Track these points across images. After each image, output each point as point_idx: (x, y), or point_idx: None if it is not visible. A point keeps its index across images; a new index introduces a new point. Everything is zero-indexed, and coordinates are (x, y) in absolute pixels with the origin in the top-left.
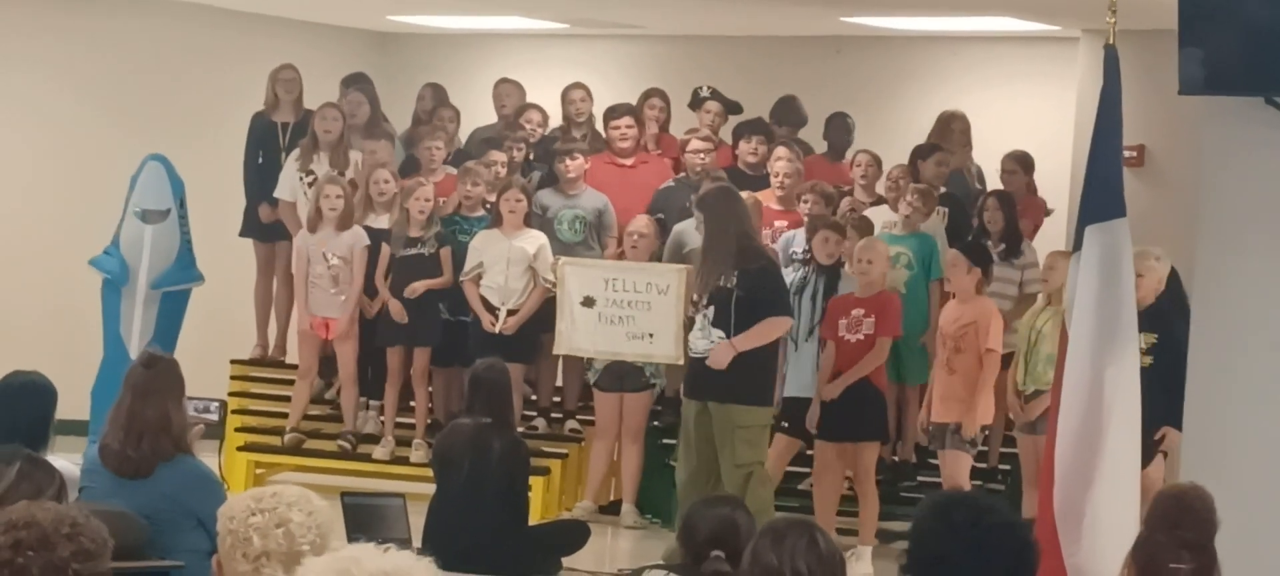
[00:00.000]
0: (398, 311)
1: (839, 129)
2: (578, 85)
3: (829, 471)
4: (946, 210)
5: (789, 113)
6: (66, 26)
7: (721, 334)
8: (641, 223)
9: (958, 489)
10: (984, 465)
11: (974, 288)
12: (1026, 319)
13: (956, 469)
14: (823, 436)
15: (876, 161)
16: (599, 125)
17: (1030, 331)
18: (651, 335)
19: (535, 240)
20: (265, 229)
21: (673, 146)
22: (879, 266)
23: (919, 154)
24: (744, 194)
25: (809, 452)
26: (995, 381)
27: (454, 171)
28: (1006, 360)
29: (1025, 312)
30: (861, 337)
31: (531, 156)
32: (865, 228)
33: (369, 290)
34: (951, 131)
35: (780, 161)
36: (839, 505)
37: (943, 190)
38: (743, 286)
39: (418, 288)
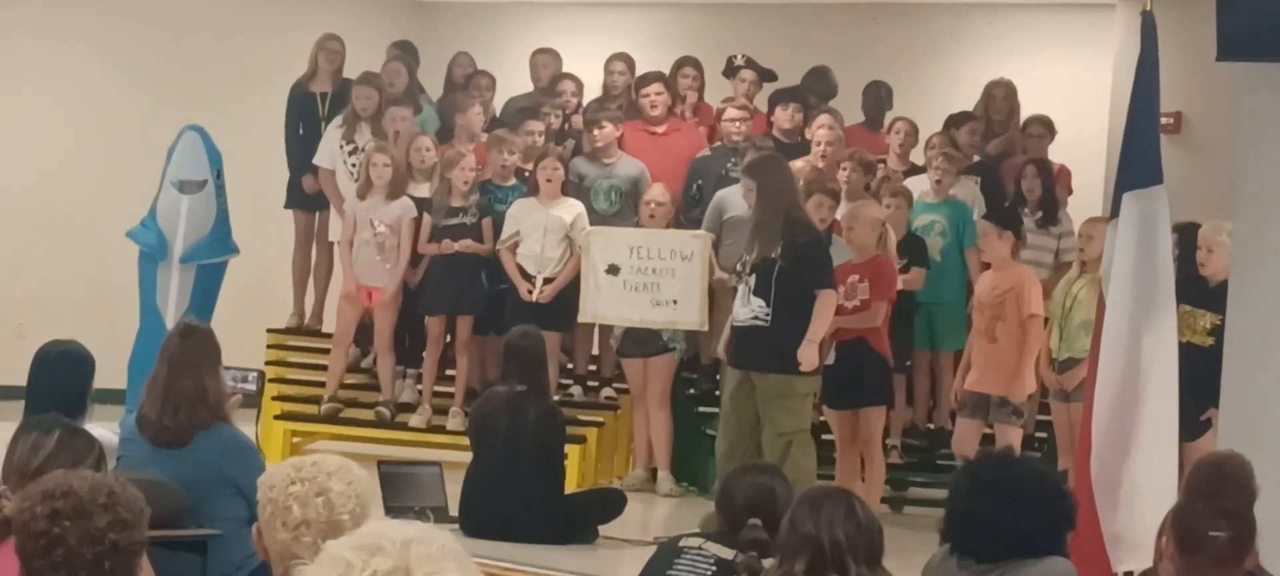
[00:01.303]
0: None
1: (876, 98)
2: (620, 56)
3: (846, 440)
4: (979, 179)
5: (819, 83)
6: (105, 6)
7: (762, 303)
8: (658, 191)
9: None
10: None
11: (1009, 253)
12: (1061, 286)
13: (1012, 443)
14: (829, 404)
15: (914, 129)
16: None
17: (1065, 298)
18: (676, 301)
19: (572, 209)
20: (308, 199)
21: (708, 114)
22: (861, 232)
23: (953, 122)
24: (799, 163)
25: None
26: (1036, 350)
27: (483, 138)
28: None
29: (1061, 281)
30: (857, 303)
31: (568, 126)
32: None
33: (413, 260)
34: (993, 98)
35: (822, 130)
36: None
37: (976, 159)
38: (787, 258)
39: (467, 245)
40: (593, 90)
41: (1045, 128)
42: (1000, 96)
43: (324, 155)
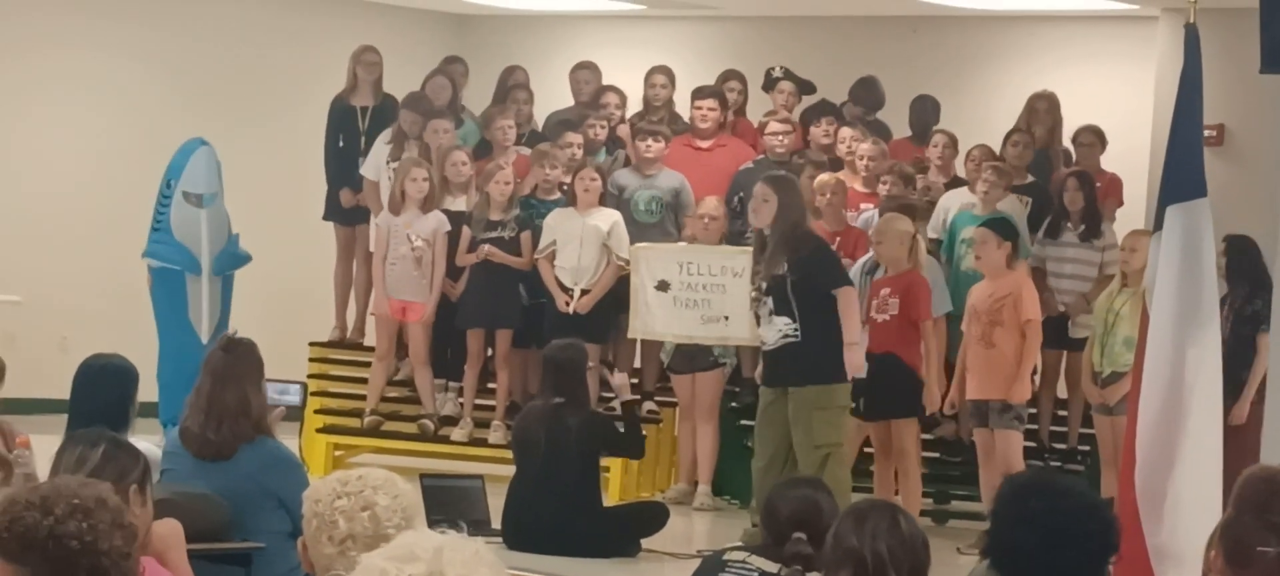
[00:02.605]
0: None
1: (923, 111)
2: (661, 70)
3: (882, 452)
4: (1030, 199)
5: (867, 94)
6: (149, 7)
7: (788, 321)
8: (711, 205)
9: (1030, 471)
10: (1063, 446)
11: (1004, 262)
12: (1102, 300)
13: (1009, 448)
14: (862, 415)
15: (953, 142)
16: (678, 108)
17: (1107, 313)
18: (727, 317)
19: (609, 218)
20: (346, 213)
21: (749, 131)
22: (890, 245)
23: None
24: (825, 176)
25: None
26: (1035, 354)
27: (526, 151)
28: (1082, 343)
29: (1102, 294)
30: (888, 318)
31: (616, 135)
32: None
33: (453, 273)
34: (1036, 110)
35: (864, 144)
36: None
37: (1030, 179)
38: (796, 271)
39: (496, 254)
40: (635, 103)
41: (1096, 137)
42: (1043, 110)
43: (371, 167)
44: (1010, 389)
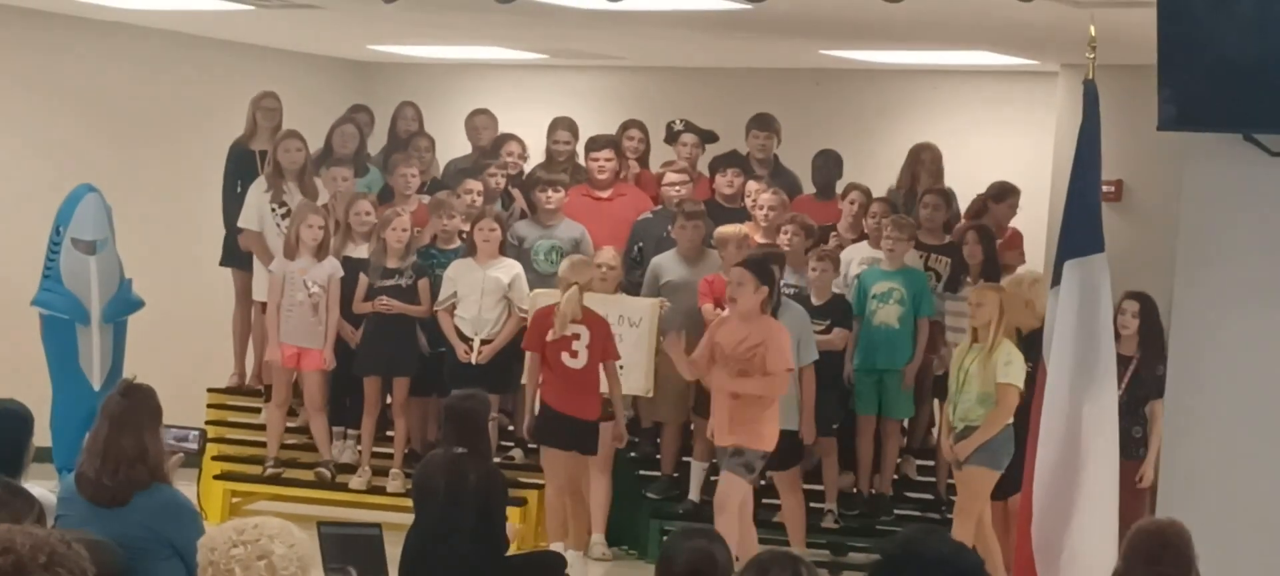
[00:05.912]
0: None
1: (826, 166)
2: (564, 125)
3: (553, 480)
4: (949, 260)
5: (764, 122)
6: (44, 51)
7: None
8: (608, 255)
9: (903, 539)
10: (931, 497)
11: (758, 307)
12: (955, 357)
13: (731, 491)
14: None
15: (868, 196)
16: (580, 158)
17: (959, 371)
18: (622, 367)
19: (510, 269)
20: (246, 257)
21: (650, 181)
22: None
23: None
24: (729, 227)
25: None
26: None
27: (427, 200)
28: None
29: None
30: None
31: (510, 188)
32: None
33: (354, 320)
34: (921, 161)
35: (765, 194)
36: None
37: (948, 239)
38: None
39: (394, 305)
40: (536, 152)
41: (1011, 193)
42: (928, 160)
43: (251, 217)
44: (754, 438)
